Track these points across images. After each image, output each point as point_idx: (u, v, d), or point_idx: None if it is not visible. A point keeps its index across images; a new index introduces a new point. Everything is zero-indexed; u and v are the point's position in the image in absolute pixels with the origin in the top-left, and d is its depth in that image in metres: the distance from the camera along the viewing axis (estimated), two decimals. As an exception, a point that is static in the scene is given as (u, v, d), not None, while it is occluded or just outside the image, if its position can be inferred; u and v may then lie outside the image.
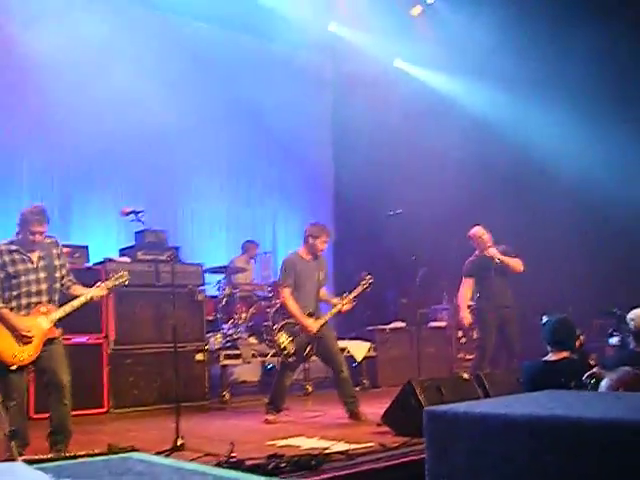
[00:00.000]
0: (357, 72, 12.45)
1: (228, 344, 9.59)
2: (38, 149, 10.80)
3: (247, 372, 10.66)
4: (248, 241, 11.59)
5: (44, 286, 5.87)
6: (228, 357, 9.36)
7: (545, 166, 10.60)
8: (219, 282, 10.25)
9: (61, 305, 5.94)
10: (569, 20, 10.19)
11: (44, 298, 5.86)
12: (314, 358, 7.81)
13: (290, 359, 7.40)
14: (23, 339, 5.68)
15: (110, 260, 8.81)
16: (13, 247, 5.83)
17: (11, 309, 5.75)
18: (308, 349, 7.44)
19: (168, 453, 5.40)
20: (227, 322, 9.86)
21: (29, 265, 5.83)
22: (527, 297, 8.93)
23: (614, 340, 8.09)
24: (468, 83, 11.98)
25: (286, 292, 7.50)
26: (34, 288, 5.82)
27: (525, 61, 10.60)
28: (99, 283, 6.21)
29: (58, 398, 5.82)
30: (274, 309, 9.34)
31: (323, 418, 7.60)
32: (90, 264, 8.83)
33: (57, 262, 6.00)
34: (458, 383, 6.75)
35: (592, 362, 5.33)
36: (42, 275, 5.87)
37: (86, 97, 10.54)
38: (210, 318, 9.82)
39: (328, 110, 14.27)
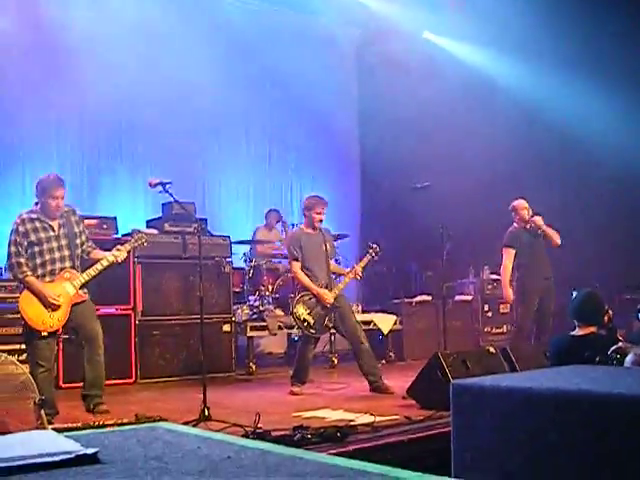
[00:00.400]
0: (385, 42, 12.32)
1: (254, 316, 9.63)
2: (67, 122, 10.84)
3: (273, 344, 10.73)
4: (270, 210, 11.54)
5: (66, 252, 6.02)
6: (254, 329, 9.41)
7: (572, 141, 10.48)
8: (245, 254, 10.27)
9: (84, 270, 6.06)
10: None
11: (67, 264, 6.01)
12: (337, 330, 7.85)
13: (311, 331, 7.44)
14: (52, 306, 5.80)
15: (138, 232, 8.82)
16: (34, 215, 5.96)
17: (37, 277, 5.87)
18: (326, 320, 7.46)
19: (195, 423, 5.45)
20: (254, 294, 9.90)
21: (51, 233, 5.97)
22: (555, 272, 8.86)
23: (642, 316, 8.02)
24: (496, 56, 11.82)
25: (295, 266, 7.55)
26: (57, 255, 5.96)
27: (558, 36, 10.41)
28: (118, 246, 6.30)
29: (91, 349, 5.95)
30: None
31: (348, 390, 7.61)
32: (119, 235, 8.89)
33: (77, 229, 6.17)
34: (484, 356, 6.72)
35: (620, 337, 5.29)
36: (63, 242, 6.02)
37: (115, 70, 10.54)
38: (237, 290, 9.85)
39: (354, 81, 14.14)
